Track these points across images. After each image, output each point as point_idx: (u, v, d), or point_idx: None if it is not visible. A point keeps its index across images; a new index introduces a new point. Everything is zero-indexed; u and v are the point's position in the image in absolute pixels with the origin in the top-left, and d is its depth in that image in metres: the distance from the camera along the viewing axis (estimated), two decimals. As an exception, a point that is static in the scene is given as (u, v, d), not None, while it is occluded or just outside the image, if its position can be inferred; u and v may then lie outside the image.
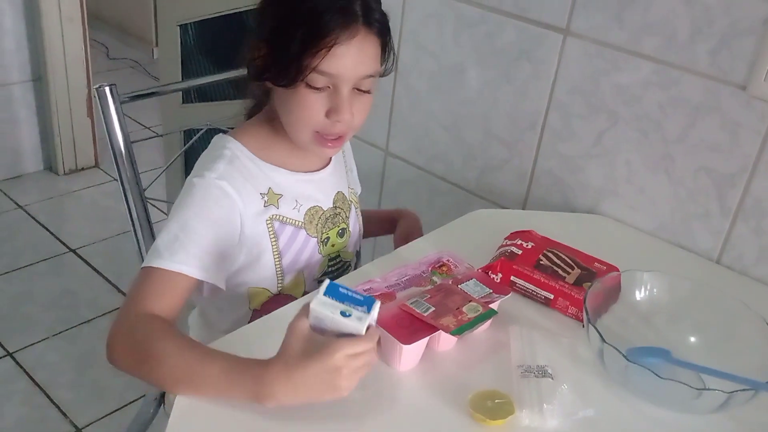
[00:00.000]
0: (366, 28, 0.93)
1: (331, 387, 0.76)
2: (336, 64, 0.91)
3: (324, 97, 0.94)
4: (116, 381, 1.89)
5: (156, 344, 0.83)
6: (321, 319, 0.76)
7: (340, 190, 1.11)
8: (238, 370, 0.79)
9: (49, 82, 2.67)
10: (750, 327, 0.92)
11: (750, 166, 1.14)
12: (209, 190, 0.94)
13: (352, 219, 1.14)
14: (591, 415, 0.84)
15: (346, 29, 0.90)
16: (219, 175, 0.95)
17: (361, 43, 0.92)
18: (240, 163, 0.99)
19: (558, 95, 1.33)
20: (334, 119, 0.95)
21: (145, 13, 3.97)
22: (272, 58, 0.94)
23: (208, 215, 0.94)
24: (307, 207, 1.06)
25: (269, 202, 1.01)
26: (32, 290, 2.21)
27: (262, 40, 0.95)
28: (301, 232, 1.05)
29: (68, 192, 2.77)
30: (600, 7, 1.23)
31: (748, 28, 1.09)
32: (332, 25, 0.89)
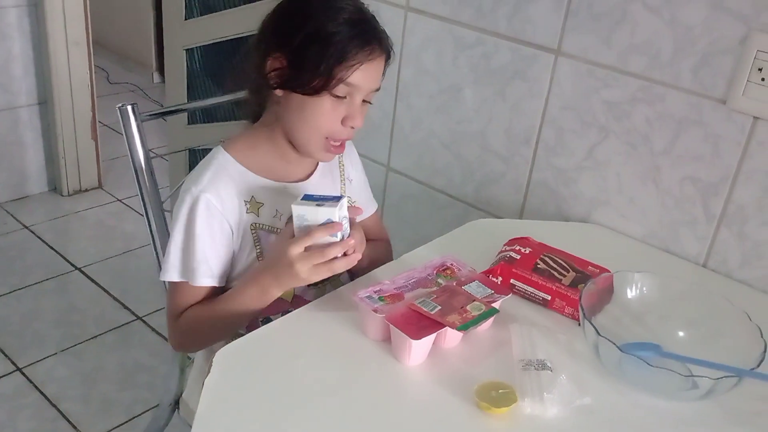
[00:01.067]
0: (382, 50, 1.06)
1: (292, 276, 0.98)
2: (362, 77, 1.03)
3: (341, 106, 1.05)
4: (125, 394, 1.94)
5: (194, 323, 1.09)
6: (302, 215, 0.95)
7: None
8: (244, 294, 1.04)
9: (55, 105, 2.74)
10: (734, 322, 0.98)
11: (731, 174, 1.22)
12: (195, 204, 1.05)
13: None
14: (588, 403, 0.90)
15: (374, 54, 1.04)
16: (203, 188, 1.06)
17: (379, 62, 1.05)
18: (226, 172, 1.09)
19: (551, 112, 1.41)
20: (348, 125, 1.06)
21: (145, 38, 4.06)
22: (297, 68, 1.03)
23: (201, 227, 1.06)
24: (288, 215, 1.11)
25: (251, 210, 1.10)
26: (40, 307, 2.26)
27: (281, 51, 1.04)
28: None
29: (73, 212, 2.83)
30: (589, 29, 1.32)
31: (727, 47, 1.18)
32: (364, 45, 1.02)
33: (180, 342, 1.16)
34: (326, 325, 1.00)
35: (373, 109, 1.59)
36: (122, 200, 2.94)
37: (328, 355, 0.95)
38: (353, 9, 1.04)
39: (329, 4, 1.03)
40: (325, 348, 0.95)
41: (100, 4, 3.64)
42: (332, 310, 1.03)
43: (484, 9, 1.44)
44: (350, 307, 1.02)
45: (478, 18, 1.46)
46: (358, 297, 0.99)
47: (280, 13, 1.07)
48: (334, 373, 0.93)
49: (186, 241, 1.07)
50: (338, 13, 1.02)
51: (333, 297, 1.09)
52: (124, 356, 2.09)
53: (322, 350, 0.94)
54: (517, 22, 1.40)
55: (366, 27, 1.04)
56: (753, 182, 1.20)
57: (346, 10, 1.03)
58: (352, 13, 1.04)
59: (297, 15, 1.04)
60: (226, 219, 1.07)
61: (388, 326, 0.95)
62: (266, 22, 1.08)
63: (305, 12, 1.03)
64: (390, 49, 1.08)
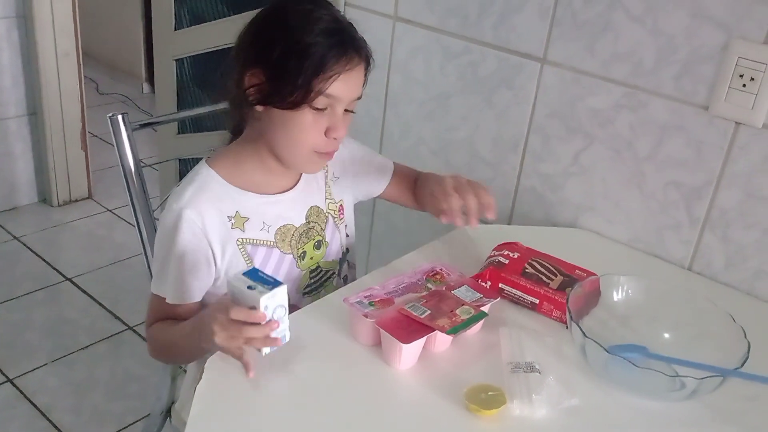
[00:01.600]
0: (360, 58, 1.05)
1: (209, 337, 0.91)
2: (341, 87, 1.02)
3: (322, 118, 1.04)
4: (115, 404, 1.94)
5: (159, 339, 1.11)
6: (232, 291, 0.90)
7: (314, 205, 1.18)
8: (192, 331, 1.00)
9: (45, 116, 2.74)
10: (718, 323, 1.00)
11: (715, 179, 1.25)
12: (176, 221, 1.04)
13: (329, 229, 1.20)
14: (576, 404, 0.91)
15: (352, 62, 1.02)
16: (184, 204, 1.05)
17: (358, 71, 1.04)
18: (209, 188, 1.08)
19: (537, 119, 1.44)
20: (331, 137, 1.05)
21: (134, 49, 4.07)
22: (275, 83, 1.01)
23: (180, 244, 1.05)
24: (277, 226, 1.13)
25: (235, 225, 1.09)
26: (31, 318, 2.26)
27: (257, 68, 1.02)
28: (275, 250, 1.12)
29: (63, 223, 2.82)
30: (573, 38, 1.34)
31: (708, 54, 1.20)
32: (341, 55, 1.01)
33: (150, 351, 1.15)
34: (317, 330, 1.01)
35: (362, 116, 1.62)
36: (112, 210, 2.94)
37: (319, 361, 0.96)
38: (329, 19, 1.03)
39: (304, 16, 1.01)
40: (316, 353, 0.96)
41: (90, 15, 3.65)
42: (323, 315, 1.04)
43: (470, 18, 1.46)
44: (341, 313, 1.03)
45: (465, 27, 1.48)
46: (349, 302, 1.00)
47: (256, 28, 1.05)
48: (326, 378, 0.94)
49: (164, 258, 1.07)
50: (314, 24, 1.00)
51: (324, 302, 1.10)
52: (115, 366, 2.08)
53: (313, 356, 0.95)
54: (503, 31, 1.43)
55: (343, 36, 1.02)
56: (736, 186, 1.23)
57: (322, 20, 1.01)
58: (328, 23, 1.02)
59: (272, 29, 1.03)
60: (207, 237, 1.06)
61: (379, 331, 0.96)
62: (242, 36, 1.06)
63: (281, 25, 1.02)
64: (369, 56, 1.07)
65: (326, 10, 1.04)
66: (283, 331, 0.92)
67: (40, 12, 2.58)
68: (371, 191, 1.31)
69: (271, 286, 0.88)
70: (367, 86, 1.07)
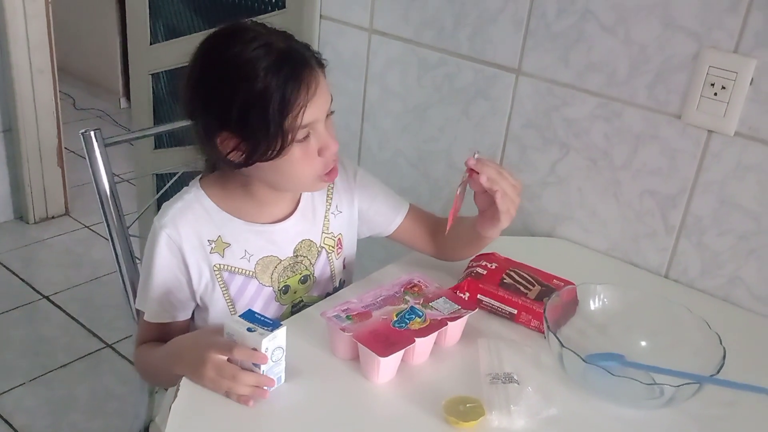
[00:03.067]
0: (315, 72, 0.99)
1: (196, 372, 0.91)
2: (313, 112, 0.98)
3: (309, 145, 1.00)
4: (95, 423, 1.91)
5: (144, 361, 1.10)
6: (231, 334, 0.90)
7: (306, 239, 1.14)
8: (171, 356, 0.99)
9: (20, 132, 2.72)
10: (694, 330, 1.01)
11: (689, 187, 1.26)
12: (156, 238, 1.04)
13: (320, 264, 1.16)
14: (554, 414, 0.91)
15: (311, 82, 0.97)
16: (164, 223, 1.04)
17: (319, 85, 0.99)
18: (193, 209, 1.06)
19: (514, 129, 1.44)
20: (327, 155, 1.02)
21: (111, 64, 4.05)
22: (250, 141, 0.97)
23: (157, 262, 1.04)
24: (259, 257, 1.09)
25: (215, 249, 1.06)
26: (7, 337, 2.22)
27: (224, 131, 0.98)
28: (253, 281, 1.10)
29: (39, 240, 2.79)
30: (547, 49, 1.35)
31: (680, 63, 1.22)
32: (299, 86, 0.95)
33: (139, 372, 1.14)
34: (295, 345, 1.00)
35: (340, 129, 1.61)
36: (90, 227, 2.91)
37: (296, 376, 0.95)
38: (265, 51, 0.95)
39: (241, 59, 0.94)
40: (293, 368, 0.95)
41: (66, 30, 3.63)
42: (302, 330, 1.03)
43: (446, 30, 1.47)
44: (319, 327, 1.02)
45: (441, 39, 1.48)
46: (326, 316, 0.99)
47: (201, 87, 0.99)
48: (303, 393, 0.93)
49: (145, 275, 1.06)
50: (256, 65, 0.93)
51: (301, 317, 1.09)
52: (94, 384, 2.06)
53: (290, 371, 0.94)
54: (478, 42, 1.43)
55: (289, 64, 0.96)
56: (709, 194, 1.24)
57: (260, 57, 0.94)
58: (267, 56, 0.94)
59: (219, 86, 0.96)
60: (184, 257, 1.04)
61: (356, 345, 0.96)
62: (190, 96, 1.00)
63: (224, 80, 0.95)
64: (320, 60, 1.01)
65: (258, 41, 0.96)
66: (279, 373, 0.92)
67: (14, 28, 2.56)
68: (381, 230, 1.25)
69: (270, 327, 0.89)
70: (345, 98, 1.06)
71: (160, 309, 1.06)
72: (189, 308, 1.09)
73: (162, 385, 1.19)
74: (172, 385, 0.99)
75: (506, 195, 1.02)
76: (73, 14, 3.98)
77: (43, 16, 2.64)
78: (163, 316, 1.07)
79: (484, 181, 1.01)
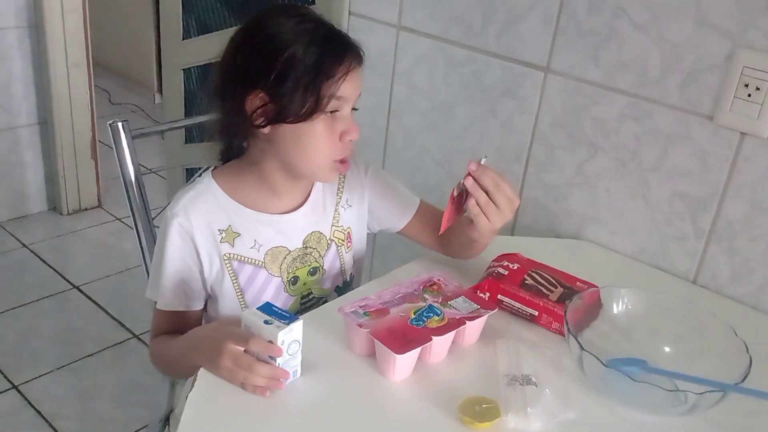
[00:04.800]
0: (357, 58, 1.04)
1: (213, 363, 0.91)
2: (348, 87, 1.01)
3: (334, 123, 1.03)
4: (120, 412, 1.93)
5: (160, 353, 1.11)
6: (248, 326, 0.90)
7: (316, 230, 1.15)
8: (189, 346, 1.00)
9: (55, 125, 2.76)
10: (720, 337, 0.98)
11: (720, 190, 1.23)
12: (168, 227, 1.05)
13: (329, 257, 1.17)
14: (572, 417, 0.90)
15: (351, 61, 1.02)
16: (176, 211, 1.05)
17: (357, 69, 1.04)
18: (205, 198, 1.07)
19: (541, 128, 1.42)
20: (347, 139, 1.04)
21: (146, 59, 4.10)
22: (282, 100, 0.99)
23: (169, 251, 1.05)
24: (268, 247, 1.10)
25: (225, 239, 1.07)
26: (38, 325, 2.26)
27: (256, 90, 0.99)
28: (262, 271, 1.11)
29: (72, 231, 2.84)
30: (577, 48, 1.33)
31: (713, 63, 1.19)
32: (342, 57, 1.00)
33: (154, 364, 1.15)
34: (312, 340, 1.00)
35: (366, 126, 1.61)
36: (121, 219, 2.95)
37: (312, 370, 0.95)
38: (315, 25, 1.02)
39: (290, 28, 0.99)
40: (309, 363, 0.94)
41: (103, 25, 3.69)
42: (320, 325, 1.03)
43: (474, 28, 1.46)
44: (337, 323, 1.02)
45: (469, 36, 1.47)
46: (344, 312, 0.99)
47: (241, 51, 1.02)
48: (319, 388, 0.93)
49: (157, 264, 1.07)
50: (305, 34, 0.99)
51: (319, 312, 1.09)
52: (120, 374, 2.08)
53: (306, 365, 0.94)
54: (506, 40, 1.42)
55: (338, 40, 1.02)
56: (741, 197, 1.21)
57: (309, 30, 1.00)
58: (317, 30, 1.01)
59: (263, 48, 1.00)
60: (196, 246, 1.05)
61: (373, 341, 0.95)
62: (227, 61, 1.03)
63: (271, 42, 0.99)
64: (362, 54, 1.05)
65: (309, 16, 1.03)
66: (295, 366, 0.92)
67: (51, 22, 2.60)
68: (391, 225, 1.25)
69: (287, 320, 0.89)
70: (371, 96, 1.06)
71: (173, 297, 1.07)
72: (201, 297, 1.10)
73: (177, 376, 1.20)
74: (187, 376, 1.00)
75: (489, 204, 1.02)
76: (110, 10, 4.04)
77: (80, 11, 2.68)
78: (176, 304, 1.08)
79: (469, 185, 1.02)
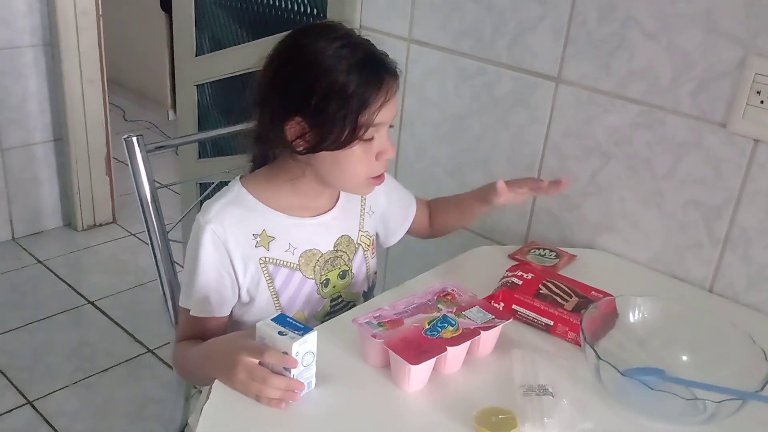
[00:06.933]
0: (394, 78, 1.05)
1: (228, 375, 0.91)
2: (386, 114, 1.03)
3: (372, 145, 1.05)
4: (134, 427, 1.94)
5: (182, 358, 1.10)
6: (263, 338, 0.90)
7: (345, 234, 1.17)
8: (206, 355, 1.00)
9: (70, 142, 2.79)
10: (738, 344, 0.97)
11: (734, 197, 1.22)
12: (201, 234, 1.06)
13: (357, 261, 1.19)
14: (589, 428, 0.89)
15: (390, 85, 1.03)
16: (209, 219, 1.05)
17: (395, 92, 1.05)
18: (237, 205, 1.08)
19: (553, 138, 1.42)
20: (383, 159, 1.06)
21: (160, 76, 4.14)
22: (321, 129, 1.01)
23: (203, 258, 1.06)
24: (302, 250, 1.12)
25: (260, 243, 1.08)
26: (53, 341, 2.27)
27: (296, 116, 1.02)
28: (297, 273, 1.12)
29: (87, 247, 2.86)
30: (588, 57, 1.33)
31: (725, 70, 1.18)
32: (380, 85, 1.01)
33: (174, 368, 1.17)
34: (326, 351, 1.00)
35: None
36: (136, 235, 2.96)
37: (327, 381, 0.95)
38: (350, 50, 1.01)
39: (325, 53, 1.00)
40: (324, 374, 0.94)
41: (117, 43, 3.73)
42: (334, 336, 1.03)
43: (484, 39, 1.46)
44: (353, 334, 1.01)
45: (479, 48, 1.48)
46: (358, 323, 0.99)
47: (278, 75, 1.04)
48: (334, 399, 0.93)
49: (190, 270, 1.08)
50: (343, 61, 0.99)
51: (334, 323, 1.09)
52: (134, 389, 2.09)
53: (321, 376, 0.94)
54: (517, 51, 1.42)
55: (374, 65, 1.02)
56: (756, 204, 1.20)
57: (344, 55, 1.00)
58: (353, 55, 1.01)
59: (302, 75, 1.01)
60: (229, 252, 1.06)
61: (388, 352, 0.95)
62: (266, 84, 1.05)
63: (310, 69, 1.00)
64: (396, 68, 1.06)
65: (343, 40, 1.02)
66: (310, 378, 0.92)
67: (66, 40, 2.64)
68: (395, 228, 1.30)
69: (302, 331, 0.89)
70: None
71: (206, 303, 1.07)
72: (231, 303, 1.10)
73: (197, 383, 1.20)
74: (206, 384, 1.00)
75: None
76: (124, 28, 4.09)
77: (94, 29, 2.72)
78: (209, 310, 1.08)
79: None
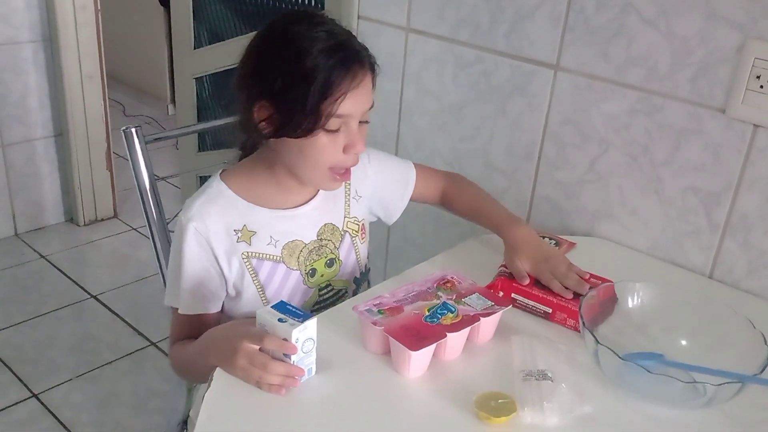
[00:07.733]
0: (365, 70, 1.02)
1: (229, 362, 0.92)
2: (351, 105, 1.00)
3: (338, 136, 1.03)
4: (138, 419, 1.94)
5: (179, 358, 1.12)
6: (263, 324, 0.90)
7: (329, 222, 1.16)
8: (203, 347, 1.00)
9: (71, 137, 2.79)
10: (737, 329, 0.97)
11: (734, 183, 1.22)
12: (183, 232, 1.06)
13: (344, 248, 1.18)
14: (589, 412, 0.89)
15: (357, 74, 1.00)
16: (190, 216, 1.06)
17: (365, 83, 1.02)
18: (217, 201, 1.08)
19: (552, 126, 1.42)
20: (351, 153, 1.04)
21: (159, 71, 4.14)
22: (284, 114, 1.00)
23: (188, 254, 1.06)
24: (285, 242, 1.11)
25: (241, 238, 1.08)
26: (56, 335, 2.28)
27: (263, 100, 1.01)
28: (281, 266, 1.12)
29: (89, 241, 2.86)
30: (586, 44, 1.33)
31: (723, 56, 1.18)
32: (345, 73, 0.99)
33: (174, 370, 1.17)
34: (326, 338, 1.00)
35: (376, 129, 1.62)
36: (137, 229, 2.97)
37: (327, 369, 0.95)
38: (326, 35, 1.00)
39: (301, 38, 0.98)
40: (324, 361, 0.95)
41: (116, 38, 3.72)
42: (334, 324, 1.03)
43: (482, 27, 1.46)
44: (353, 321, 1.02)
45: (477, 36, 1.47)
46: (358, 310, 0.99)
47: (255, 56, 1.03)
48: (334, 386, 0.93)
49: (174, 268, 1.08)
50: (312, 45, 0.97)
51: (334, 311, 1.09)
52: (137, 381, 2.10)
53: (321, 364, 0.94)
54: (515, 39, 1.42)
55: (344, 53, 1.00)
56: (756, 190, 1.20)
57: (319, 40, 0.98)
58: (326, 41, 0.99)
59: (271, 56, 1.00)
60: (212, 248, 1.06)
61: (388, 339, 0.95)
62: (243, 65, 1.04)
63: (279, 52, 0.99)
64: (373, 63, 1.04)
65: (322, 26, 1.01)
66: (310, 364, 0.93)
67: (65, 36, 2.63)
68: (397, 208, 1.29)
69: (301, 318, 0.90)
70: (382, 99, 1.06)
71: (193, 301, 1.08)
72: (220, 299, 1.11)
73: (198, 381, 1.21)
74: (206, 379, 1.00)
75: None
76: (122, 23, 4.08)
77: (93, 24, 2.71)
78: (197, 307, 1.08)
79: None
